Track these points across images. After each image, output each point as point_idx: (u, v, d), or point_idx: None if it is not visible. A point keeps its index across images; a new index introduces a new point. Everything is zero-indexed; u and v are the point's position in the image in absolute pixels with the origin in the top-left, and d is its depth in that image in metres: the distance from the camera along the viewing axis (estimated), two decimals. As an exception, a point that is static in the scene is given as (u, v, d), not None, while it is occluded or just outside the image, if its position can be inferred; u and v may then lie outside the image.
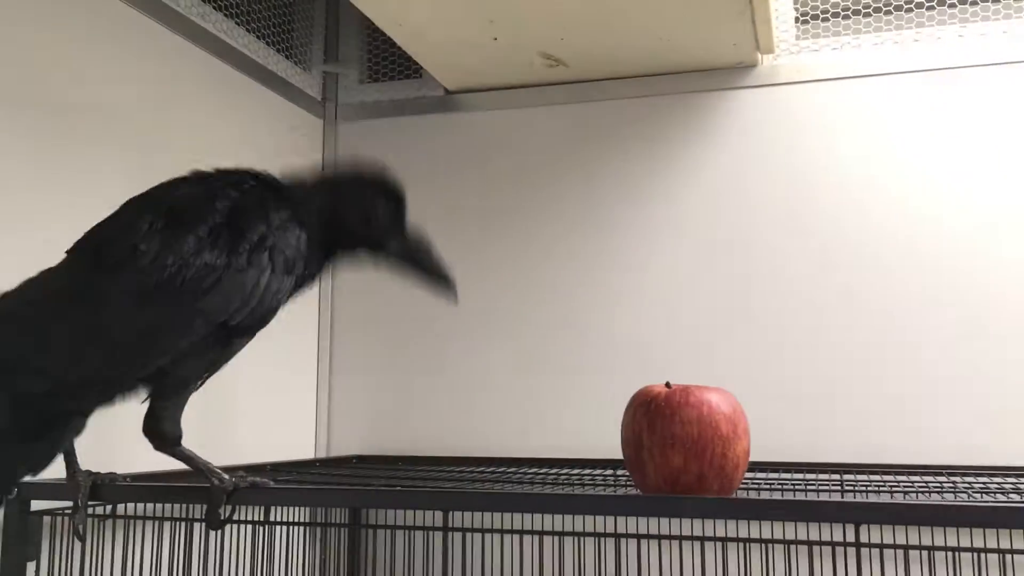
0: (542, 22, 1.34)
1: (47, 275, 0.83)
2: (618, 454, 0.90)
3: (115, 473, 0.93)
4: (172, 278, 0.79)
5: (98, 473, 0.91)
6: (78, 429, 0.85)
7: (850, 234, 1.42)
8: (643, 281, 1.50)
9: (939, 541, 0.99)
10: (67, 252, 0.86)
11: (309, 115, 1.63)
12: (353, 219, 0.92)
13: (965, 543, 1.01)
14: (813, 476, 1.25)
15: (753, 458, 0.88)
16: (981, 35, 1.40)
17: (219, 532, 0.94)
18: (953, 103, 1.40)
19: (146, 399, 0.84)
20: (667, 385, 0.88)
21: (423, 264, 0.93)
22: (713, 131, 1.50)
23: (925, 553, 0.78)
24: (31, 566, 0.92)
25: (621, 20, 1.33)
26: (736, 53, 1.44)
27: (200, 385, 0.87)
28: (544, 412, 1.50)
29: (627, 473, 1.22)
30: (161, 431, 0.84)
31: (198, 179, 0.90)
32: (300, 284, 0.90)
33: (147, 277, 0.79)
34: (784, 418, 1.39)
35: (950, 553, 0.81)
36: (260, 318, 0.84)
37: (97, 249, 0.83)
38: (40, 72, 1.08)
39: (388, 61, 1.70)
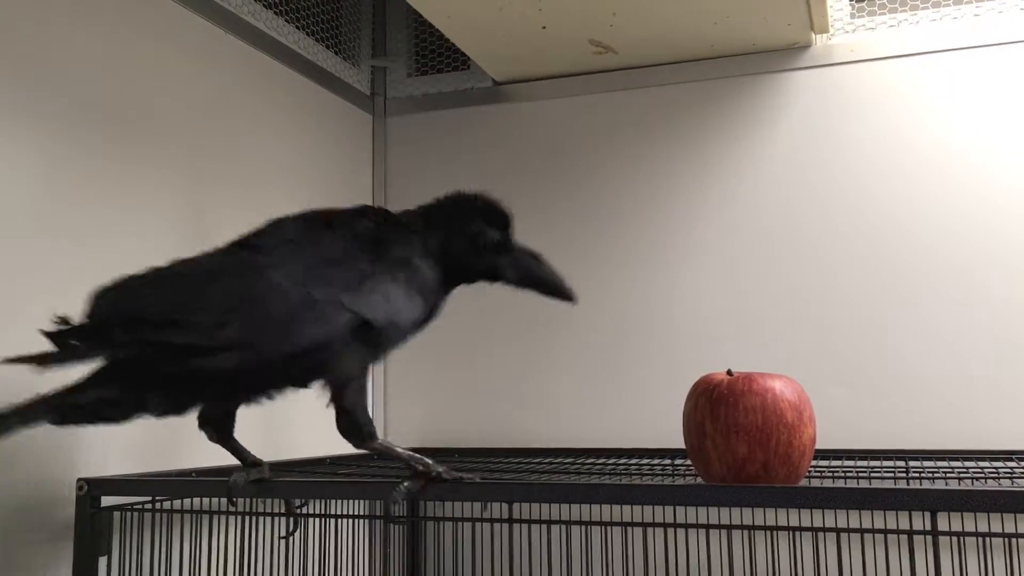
0: (591, 9, 1.32)
1: (198, 255, 0.87)
2: (675, 443, 0.89)
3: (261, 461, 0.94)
4: (321, 270, 0.83)
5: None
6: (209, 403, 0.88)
7: (909, 217, 1.39)
8: (700, 268, 1.48)
9: (1010, 528, 0.96)
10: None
11: (358, 110, 1.64)
12: (464, 252, 0.93)
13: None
14: (878, 463, 1.23)
15: (817, 445, 0.86)
16: (1045, 7, 1.36)
17: (283, 525, 0.95)
18: (1016, 79, 1.36)
19: (328, 404, 0.86)
20: (729, 373, 0.86)
21: (537, 280, 0.94)
22: (766, 114, 1.48)
23: (1002, 541, 0.75)
24: (103, 561, 0.93)
25: (671, 3, 1.31)
26: (790, 33, 1.42)
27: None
28: (602, 401, 1.50)
29: (687, 462, 1.21)
30: (356, 425, 0.85)
31: (353, 213, 0.93)
32: (425, 319, 0.92)
33: (298, 264, 0.83)
34: (846, 404, 1.36)
35: (1027, 540, 0.79)
36: (399, 330, 0.86)
37: (248, 241, 0.87)
38: (89, 72, 1.09)
39: (436, 54, 1.70)
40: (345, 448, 1.38)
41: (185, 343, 0.78)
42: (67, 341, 0.78)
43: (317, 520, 1.08)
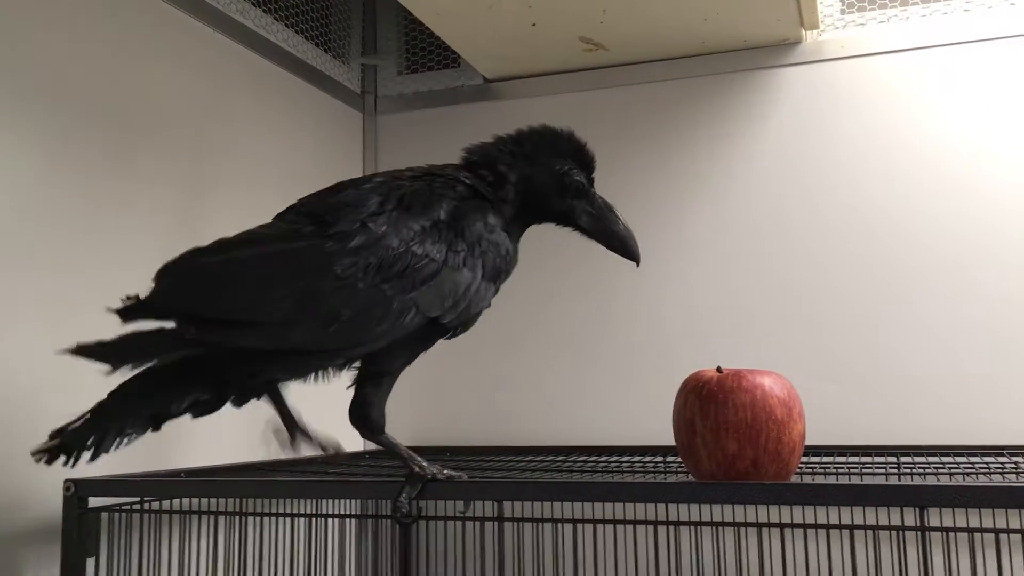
0: (580, 6, 1.32)
1: (265, 232, 0.82)
2: (668, 440, 0.88)
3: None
4: (394, 261, 0.79)
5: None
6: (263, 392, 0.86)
7: (900, 213, 1.39)
8: (691, 265, 1.48)
9: (1000, 523, 0.96)
10: (276, 217, 0.86)
11: (348, 108, 1.63)
12: (546, 190, 0.91)
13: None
14: (869, 459, 1.23)
15: (807, 442, 0.86)
16: (1034, 2, 1.36)
17: (273, 525, 0.94)
18: (1007, 74, 1.36)
19: (351, 386, 0.85)
20: (718, 370, 0.86)
21: (610, 232, 0.93)
22: (757, 111, 1.47)
23: (992, 536, 0.75)
24: (90, 562, 0.93)
25: (661, 0, 1.31)
26: (780, 30, 1.42)
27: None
28: (592, 399, 1.49)
29: (678, 459, 1.21)
30: (368, 418, 0.84)
31: (417, 175, 0.89)
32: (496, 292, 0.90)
33: (372, 255, 0.78)
34: (837, 401, 1.36)
35: (1017, 536, 0.78)
36: (464, 321, 0.84)
37: (319, 218, 0.82)
38: (78, 72, 1.09)
39: (426, 51, 1.69)
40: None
41: (252, 347, 0.76)
42: (136, 318, 0.76)
43: (307, 520, 1.07)
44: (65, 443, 0.77)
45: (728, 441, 0.81)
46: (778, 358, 1.38)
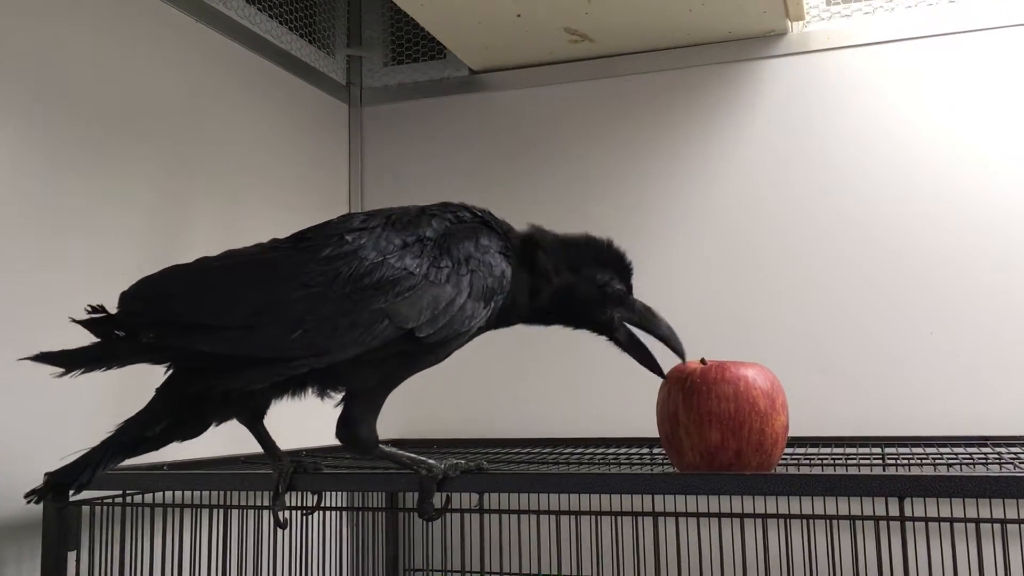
0: (565, -4, 1.32)
1: (247, 248, 0.82)
2: (654, 432, 0.89)
3: (318, 460, 0.92)
4: (368, 272, 0.78)
5: (300, 460, 0.89)
6: (241, 412, 0.84)
7: (887, 203, 1.39)
8: (675, 256, 1.48)
9: (984, 513, 0.97)
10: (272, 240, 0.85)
11: (334, 99, 1.62)
12: (588, 302, 0.92)
13: (1012, 515, 0.98)
14: (853, 450, 1.23)
15: (792, 433, 0.86)
16: (1019, -7, 1.36)
17: (257, 518, 0.94)
18: (991, 65, 1.36)
19: (338, 404, 0.83)
20: (702, 361, 0.86)
21: (647, 344, 0.94)
22: (743, 102, 1.47)
23: (972, 526, 0.76)
24: (72, 556, 0.92)
25: (646, -9, 1.31)
26: (765, 21, 1.41)
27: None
28: (581, 391, 1.49)
29: (663, 451, 1.21)
30: (355, 438, 0.82)
31: (425, 206, 0.89)
32: (496, 320, 0.88)
33: (344, 264, 0.78)
34: (823, 392, 1.37)
35: (998, 525, 0.79)
36: (446, 339, 0.82)
37: (303, 234, 0.83)
38: (60, 63, 1.08)
39: (412, 43, 1.69)
40: (319, 441, 1.37)
41: (210, 352, 0.74)
42: (105, 331, 0.74)
43: (291, 512, 1.07)
44: (54, 482, 0.77)
45: (711, 432, 0.81)
46: (763, 350, 1.38)
